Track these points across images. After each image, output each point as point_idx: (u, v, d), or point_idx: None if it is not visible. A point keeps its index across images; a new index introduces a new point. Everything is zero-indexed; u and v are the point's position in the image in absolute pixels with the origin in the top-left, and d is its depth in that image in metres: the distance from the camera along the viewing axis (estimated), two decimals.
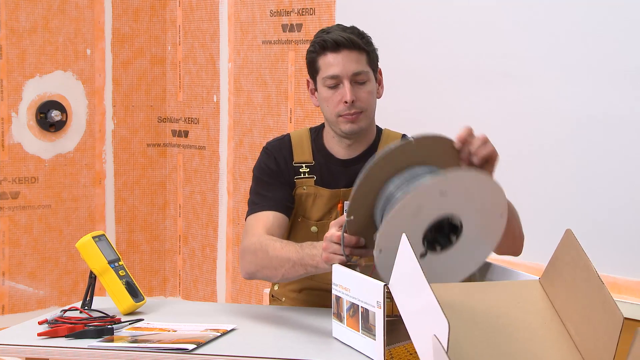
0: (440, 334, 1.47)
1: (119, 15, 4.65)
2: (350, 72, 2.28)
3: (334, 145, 2.38)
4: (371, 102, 2.33)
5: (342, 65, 2.27)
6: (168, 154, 4.84)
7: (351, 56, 2.28)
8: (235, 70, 4.47)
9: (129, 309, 2.20)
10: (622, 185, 2.93)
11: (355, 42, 2.29)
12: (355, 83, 2.29)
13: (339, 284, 1.89)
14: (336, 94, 2.29)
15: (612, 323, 1.53)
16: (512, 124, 3.23)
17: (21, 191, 4.41)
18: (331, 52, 2.28)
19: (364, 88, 2.30)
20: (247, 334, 2.03)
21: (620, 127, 2.93)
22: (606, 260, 2.92)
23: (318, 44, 2.31)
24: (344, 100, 2.27)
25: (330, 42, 2.28)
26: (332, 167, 2.38)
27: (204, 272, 4.68)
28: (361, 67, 2.29)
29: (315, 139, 2.42)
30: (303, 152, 2.40)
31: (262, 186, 2.39)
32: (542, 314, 1.70)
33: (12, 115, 4.36)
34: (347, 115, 2.29)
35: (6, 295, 4.37)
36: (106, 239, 2.27)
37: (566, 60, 3.07)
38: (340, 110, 2.29)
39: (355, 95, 2.28)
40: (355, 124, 2.30)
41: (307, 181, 2.38)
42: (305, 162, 2.39)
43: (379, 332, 1.72)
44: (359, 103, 2.29)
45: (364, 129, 2.33)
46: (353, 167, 2.35)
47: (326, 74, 2.29)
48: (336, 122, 2.31)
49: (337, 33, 2.30)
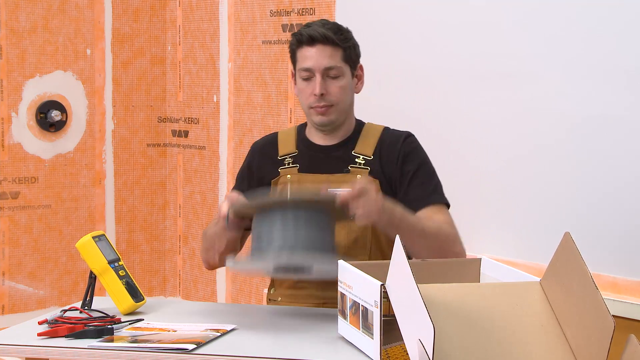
0: (426, 338, 1.47)
1: (119, 15, 4.65)
2: (322, 67, 2.37)
3: (314, 134, 2.48)
4: (343, 96, 2.40)
5: (315, 59, 2.37)
6: (168, 154, 4.84)
7: (325, 51, 2.37)
8: (235, 70, 4.47)
9: (129, 309, 2.20)
10: (622, 185, 2.93)
11: (329, 37, 2.37)
12: (327, 77, 2.37)
13: (343, 281, 1.89)
14: (309, 86, 2.39)
15: (604, 330, 1.53)
16: (511, 124, 3.23)
17: (21, 191, 4.41)
18: (307, 46, 2.38)
19: (336, 83, 2.38)
20: (247, 334, 2.03)
21: (620, 127, 2.93)
22: (606, 260, 2.92)
23: (296, 36, 2.41)
24: (313, 92, 2.37)
25: (306, 36, 2.38)
26: (313, 154, 2.46)
27: (204, 272, 4.68)
28: (334, 62, 2.37)
29: (299, 131, 2.52)
30: (287, 145, 2.49)
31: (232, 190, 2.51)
32: (540, 316, 1.69)
33: (12, 115, 4.36)
34: (317, 108, 2.38)
35: (6, 295, 4.38)
36: (106, 239, 2.27)
37: (565, 60, 3.07)
38: (311, 102, 2.39)
39: (326, 89, 2.37)
40: (325, 116, 2.39)
41: (291, 170, 2.45)
42: (289, 154, 2.47)
43: (376, 332, 1.72)
44: (329, 97, 2.38)
45: (334, 122, 2.41)
46: (333, 153, 2.43)
47: (301, 65, 2.39)
48: (309, 112, 2.42)
49: (314, 28, 2.39)
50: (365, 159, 2.40)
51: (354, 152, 2.42)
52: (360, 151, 2.42)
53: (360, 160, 2.40)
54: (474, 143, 3.33)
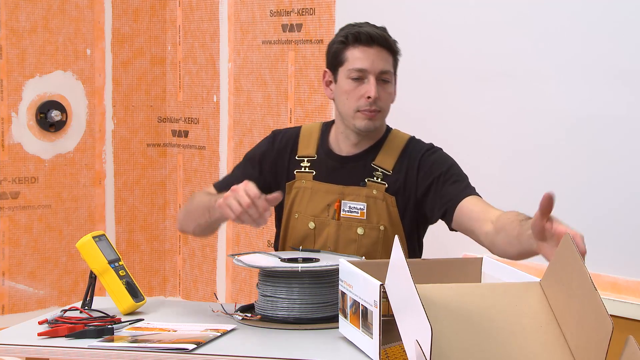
0: (423, 339, 1.46)
1: (119, 15, 4.65)
2: (378, 69, 2.28)
3: (340, 140, 2.37)
4: (389, 103, 2.33)
5: (372, 60, 2.27)
6: (168, 154, 4.84)
7: (381, 54, 2.28)
8: (235, 70, 4.47)
9: (129, 309, 2.20)
10: (622, 185, 2.93)
11: (388, 40, 2.30)
12: (380, 81, 2.28)
13: (344, 280, 1.89)
14: (359, 88, 2.28)
15: (603, 331, 1.53)
16: (511, 124, 3.24)
17: (21, 191, 4.41)
18: (363, 46, 2.27)
19: (387, 88, 2.30)
20: (247, 334, 2.03)
21: (620, 127, 2.93)
22: (606, 260, 2.92)
23: (352, 34, 2.29)
24: (367, 95, 2.26)
25: (365, 35, 2.27)
26: (329, 163, 2.37)
27: (204, 272, 4.68)
28: (388, 66, 2.30)
29: (323, 133, 2.42)
30: (308, 145, 2.40)
31: (241, 167, 2.48)
32: (540, 317, 1.69)
33: (12, 115, 4.36)
34: (367, 112, 2.28)
35: (6, 295, 4.37)
36: (106, 239, 2.27)
37: (565, 59, 3.07)
38: (360, 105, 2.28)
39: (378, 93, 2.27)
40: (372, 121, 2.29)
41: (306, 175, 2.38)
42: (307, 156, 2.39)
43: (375, 331, 1.72)
44: (380, 102, 2.29)
45: (377, 128, 2.34)
46: (351, 164, 2.35)
47: (353, 66, 2.28)
48: (353, 116, 2.30)
49: (370, 28, 2.30)
50: (384, 173, 2.33)
51: (374, 164, 2.34)
52: (380, 164, 2.34)
53: (379, 173, 2.33)
54: (474, 143, 3.33)
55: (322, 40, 4.04)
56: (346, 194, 2.33)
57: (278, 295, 2.09)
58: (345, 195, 2.33)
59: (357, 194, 2.32)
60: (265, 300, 2.11)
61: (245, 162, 2.49)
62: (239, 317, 2.12)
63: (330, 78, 2.36)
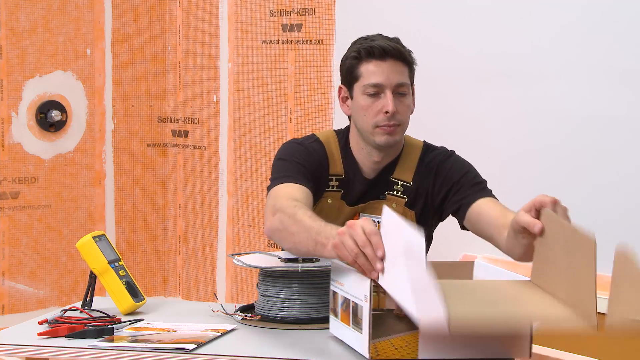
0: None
1: (119, 15, 4.65)
2: (394, 83, 2.22)
3: (363, 157, 2.31)
4: (408, 115, 2.27)
5: (387, 74, 2.21)
6: (168, 154, 4.84)
7: (396, 66, 2.23)
8: (235, 70, 4.47)
9: (129, 309, 2.20)
10: (622, 185, 2.93)
11: (402, 52, 2.24)
12: (396, 94, 2.23)
13: (335, 280, 1.90)
14: (376, 103, 2.22)
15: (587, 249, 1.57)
16: (512, 124, 3.24)
17: (21, 191, 4.41)
18: (377, 60, 2.22)
19: (404, 101, 2.24)
20: (247, 334, 2.03)
21: (621, 127, 2.94)
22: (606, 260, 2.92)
23: (364, 49, 2.23)
24: (384, 110, 2.21)
25: (378, 49, 2.21)
26: (357, 187, 2.32)
27: (204, 272, 4.68)
28: (404, 78, 2.24)
29: (344, 148, 2.34)
30: (335, 163, 2.33)
31: (292, 165, 2.27)
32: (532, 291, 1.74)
33: (12, 115, 4.37)
34: (386, 127, 2.22)
35: (6, 295, 4.38)
36: (106, 239, 2.27)
37: (566, 59, 3.07)
38: (378, 121, 2.22)
39: (395, 107, 2.21)
40: (391, 136, 2.23)
41: (334, 194, 2.33)
42: (336, 175, 2.33)
43: (365, 325, 1.74)
44: (399, 116, 2.23)
45: (398, 143, 2.28)
46: (377, 186, 2.31)
47: (368, 81, 2.22)
48: (372, 132, 2.24)
49: (383, 41, 2.24)
50: (404, 186, 2.30)
51: (392, 178, 2.31)
52: (399, 176, 2.31)
53: (399, 187, 2.30)
54: (474, 143, 3.33)
55: (322, 41, 4.04)
56: (365, 207, 2.31)
57: (278, 295, 2.09)
58: (365, 208, 2.31)
59: (375, 207, 2.28)
60: (265, 300, 2.11)
61: (293, 162, 2.30)
62: (238, 317, 2.12)
63: (346, 94, 2.30)
